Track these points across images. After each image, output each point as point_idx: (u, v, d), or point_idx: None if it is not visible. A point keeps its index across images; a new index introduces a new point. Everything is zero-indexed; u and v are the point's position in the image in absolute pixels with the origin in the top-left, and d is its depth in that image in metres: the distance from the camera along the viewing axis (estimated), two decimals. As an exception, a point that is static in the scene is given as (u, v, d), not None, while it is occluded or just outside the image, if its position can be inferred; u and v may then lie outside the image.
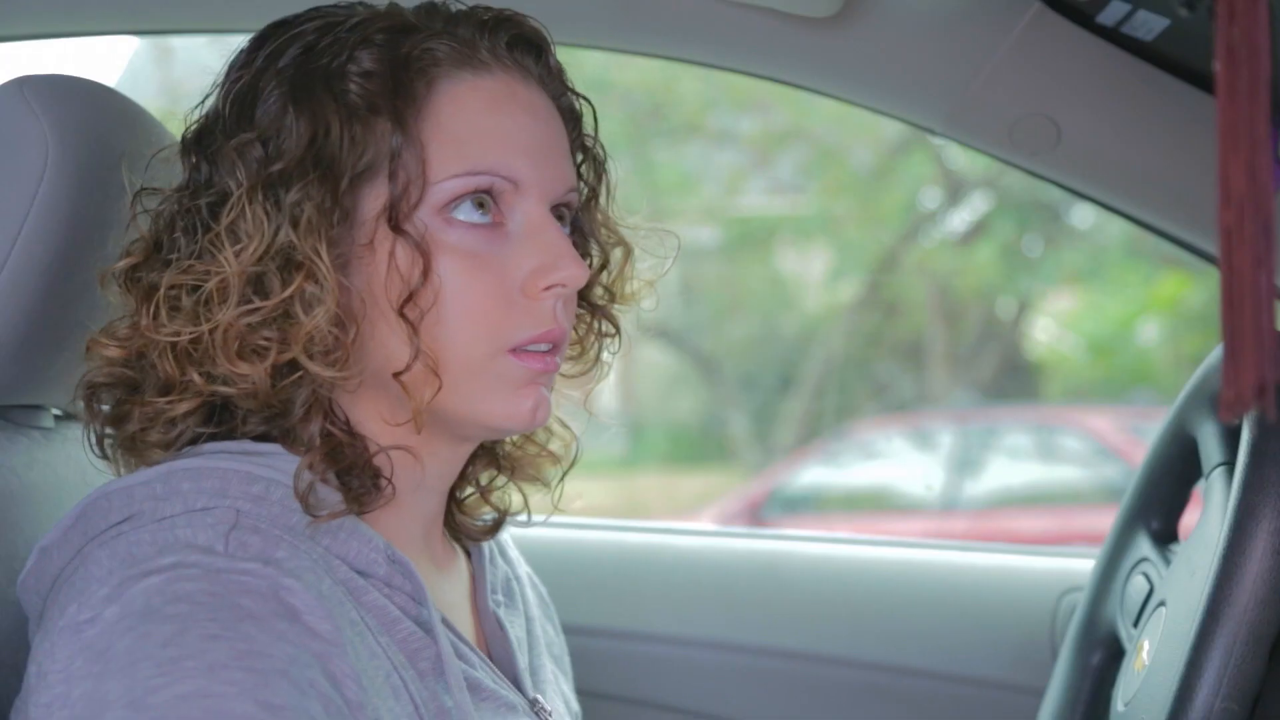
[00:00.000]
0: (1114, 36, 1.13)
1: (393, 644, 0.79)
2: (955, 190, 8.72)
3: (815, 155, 8.76)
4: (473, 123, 0.82)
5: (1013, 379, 9.11)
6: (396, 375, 0.80)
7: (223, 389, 0.80)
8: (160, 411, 0.81)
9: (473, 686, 0.84)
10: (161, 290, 0.79)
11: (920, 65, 1.20)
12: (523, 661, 0.95)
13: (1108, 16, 1.09)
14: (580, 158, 0.93)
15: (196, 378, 0.79)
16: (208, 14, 1.26)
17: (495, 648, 0.95)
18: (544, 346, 0.84)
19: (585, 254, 0.94)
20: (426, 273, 0.79)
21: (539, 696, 0.93)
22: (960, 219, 8.89)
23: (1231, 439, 0.95)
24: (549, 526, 1.32)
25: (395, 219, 0.79)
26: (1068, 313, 9.30)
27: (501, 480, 1.00)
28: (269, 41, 0.85)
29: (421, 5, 0.86)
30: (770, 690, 1.43)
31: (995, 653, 1.41)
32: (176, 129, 0.89)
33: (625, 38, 1.26)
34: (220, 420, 0.83)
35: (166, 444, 0.82)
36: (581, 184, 0.92)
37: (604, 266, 0.95)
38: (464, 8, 0.86)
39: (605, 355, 0.97)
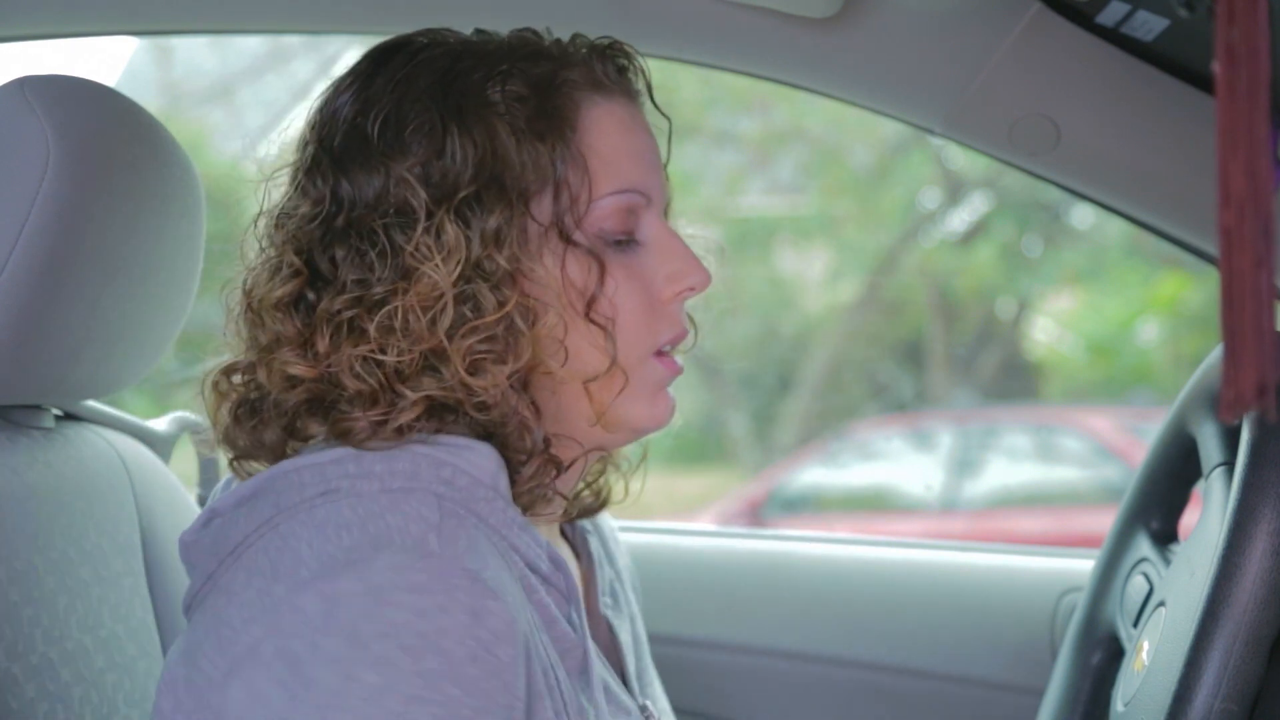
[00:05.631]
0: (1114, 37, 1.13)
1: (550, 643, 0.81)
2: (955, 190, 8.71)
3: (815, 155, 8.76)
4: (614, 143, 0.87)
5: (1012, 379, 9.11)
6: (588, 381, 0.85)
7: (439, 394, 0.81)
8: (384, 421, 0.81)
9: (604, 688, 0.87)
10: (352, 314, 0.81)
11: (920, 65, 1.20)
12: (631, 666, 0.96)
13: (1107, 17, 1.09)
14: None
15: (406, 391, 0.80)
16: (208, 14, 1.26)
17: (605, 652, 0.96)
18: (670, 348, 0.90)
19: None
20: (603, 278, 0.85)
21: (648, 702, 0.95)
22: (960, 219, 8.88)
23: (1231, 439, 0.95)
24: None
25: (565, 232, 0.84)
26: (1067, 313, 9.30)
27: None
28: (390, 66, 0.87)
29: (524, 33, 0.91)
30: (770, 690, 1.43)
31: (995, 653, 1.41)
32: (177, 130, 0.89)
33: (625, 38, 1.26)
34: (430, 417, 0.84)
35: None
36: None
37: None
38: (559, 38, 0.91)
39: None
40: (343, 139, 0.86)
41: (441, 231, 0.81)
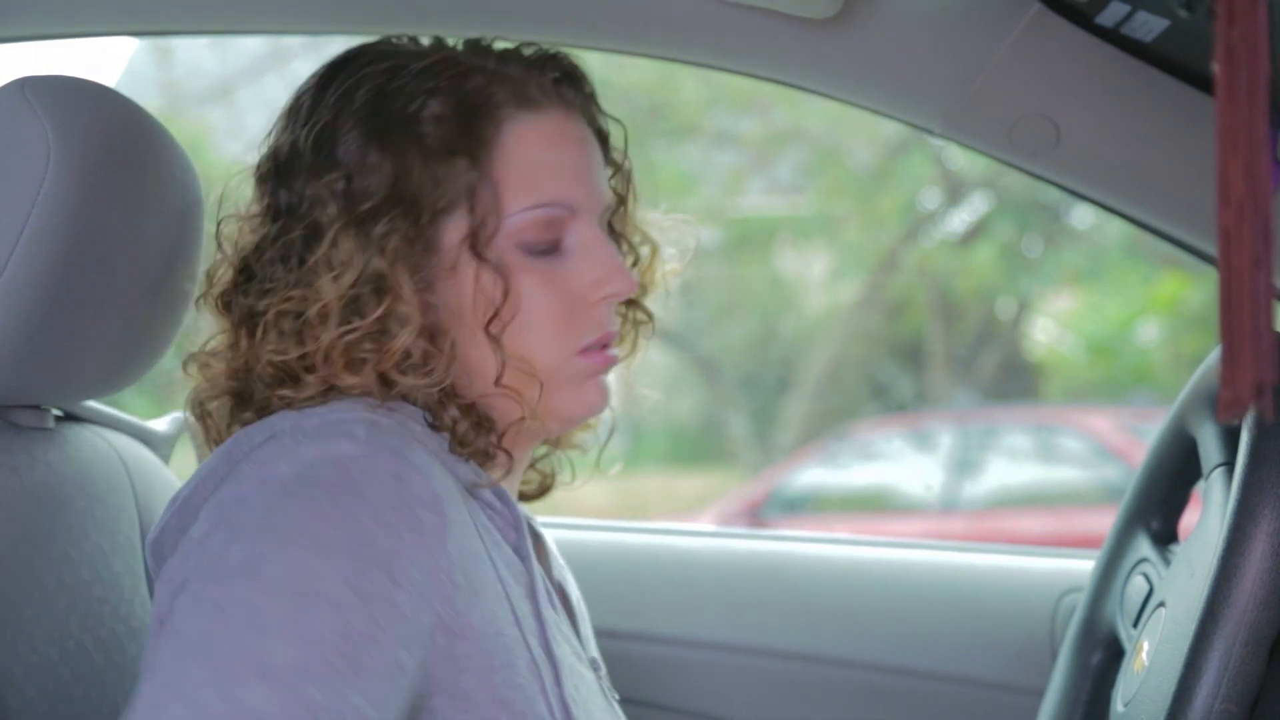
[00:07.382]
0: (1113, 37, 1.13)
1: (500, 561, 0.86)
2: (955, 191, 8.72)
3: (815, 155, 8.76)
4: (535, 159, 0.91)
5: (1012, 379, 9.11)
6: (496, 382, 0.89)
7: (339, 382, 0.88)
8: (290, 402, 0.88)
9: (557, 625, 0.92)
10: (268, 315, 0.88)
11: (920, 66, 1.20)
12: (584, 629, 1.03)
13: (1107, 17, 1.09)
14: (611, 172, 1.02)
15: (310, 379, 0.87)
16: (208, 14, 1.26)
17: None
18: (599, 345, 0.94)
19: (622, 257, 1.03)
20: (508, 293, 0.89)
21: (596, 657, 1.00)
22: (960, 219, 8.89)
23: (1231, 440, 0.95)
24: (549, 527, 1.32)
25: (477, 248, 0.89)
26: (1067, 313, 9.30)
27: (542, 450, 1.09)
28: (337, 80, 0.92)
29: (469, 44, 0.95)
30: (770, 691, 1.43)
31: (995, 653, 1.41)
32: (177, 130, 0.90)
33: (625, 38, 1.26)
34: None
35: None
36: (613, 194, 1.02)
37: (634, 264, 1.06)
38: (508, 46, 0.95)
39: (641, 339, 1.08)
40: (288, 149, 0.92)
41: (340, 246, 0.87)
